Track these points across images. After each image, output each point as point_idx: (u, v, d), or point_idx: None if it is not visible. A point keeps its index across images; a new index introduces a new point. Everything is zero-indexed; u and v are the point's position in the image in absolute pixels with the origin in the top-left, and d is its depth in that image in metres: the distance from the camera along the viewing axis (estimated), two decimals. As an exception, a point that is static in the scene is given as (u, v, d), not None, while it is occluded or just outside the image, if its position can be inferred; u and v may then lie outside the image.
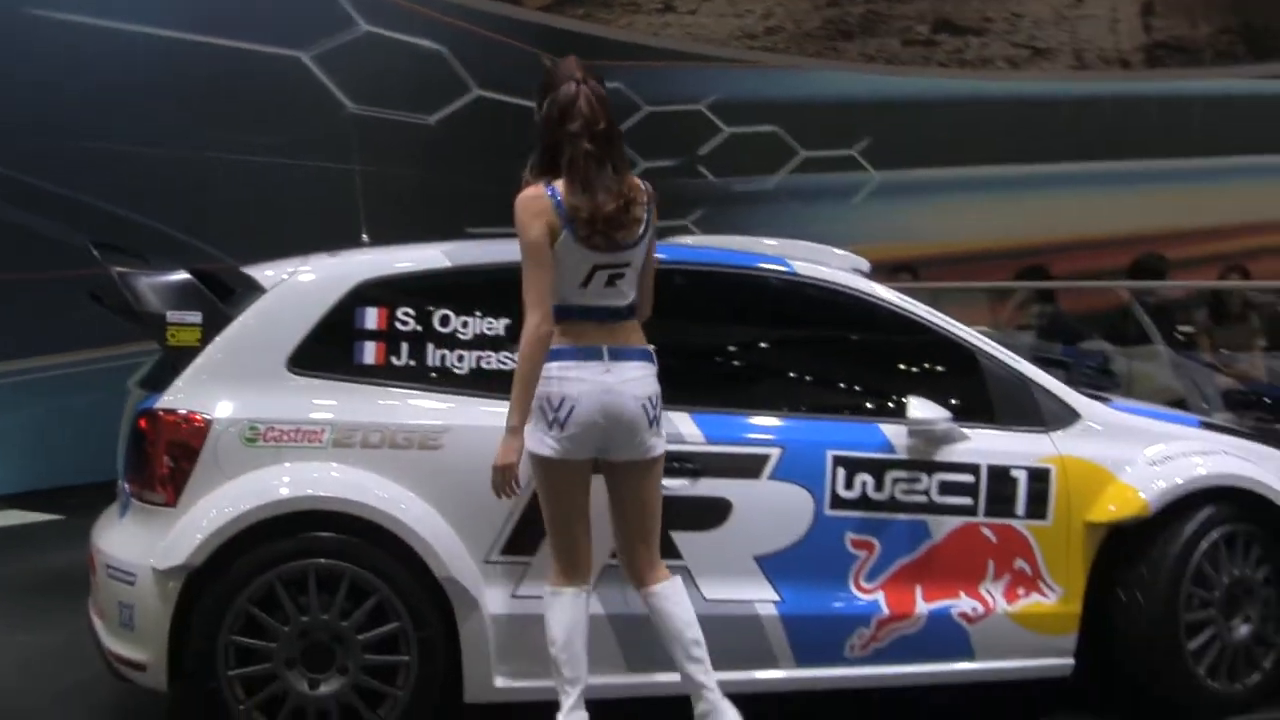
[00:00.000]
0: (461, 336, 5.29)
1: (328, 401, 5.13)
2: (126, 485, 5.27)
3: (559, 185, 4.84)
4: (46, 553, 9.15)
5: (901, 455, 5.44)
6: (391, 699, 5.02)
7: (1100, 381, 10.75)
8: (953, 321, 5.78)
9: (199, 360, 5.16)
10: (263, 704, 4.96)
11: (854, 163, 16.83)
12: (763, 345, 5.89)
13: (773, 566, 5.31)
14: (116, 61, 11.85)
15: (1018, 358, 5.81)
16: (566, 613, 4.90)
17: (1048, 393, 5.74)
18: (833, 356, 5.88)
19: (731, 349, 5.83)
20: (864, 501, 5.38)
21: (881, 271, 7.17)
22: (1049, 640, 5.57)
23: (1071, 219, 16.11)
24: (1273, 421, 10.39)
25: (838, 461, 5.36)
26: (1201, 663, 5.65)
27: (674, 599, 4.94)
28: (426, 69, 15.20)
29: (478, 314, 5.31)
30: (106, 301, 5.45)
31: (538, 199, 4.84)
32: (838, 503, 5.35)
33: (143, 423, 5.13)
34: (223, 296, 5.42)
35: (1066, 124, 16.44)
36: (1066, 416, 5.71)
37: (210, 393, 5.10)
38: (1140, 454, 5.71)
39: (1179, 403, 10.01)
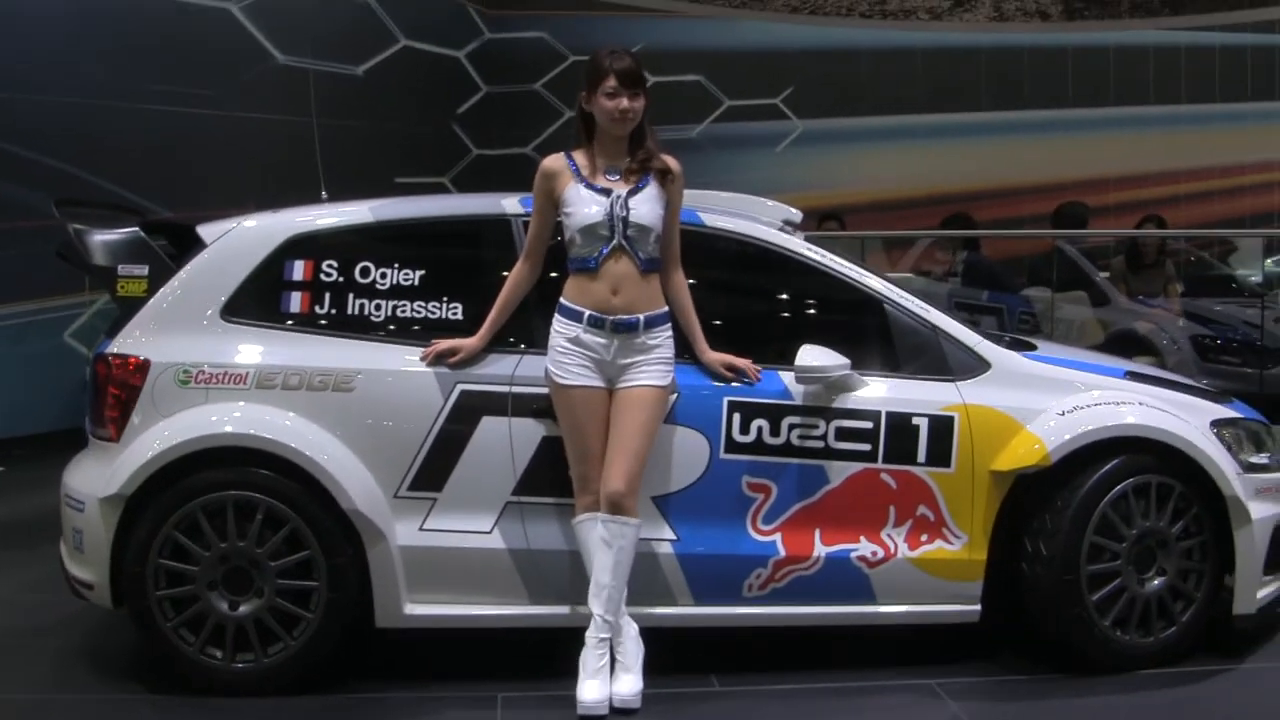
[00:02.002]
0: (380, 287, 5.68)
1: (254, 347, 5.58)
2: (87, 423, 5.75)
3: None
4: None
5: (798, 401, 5.52)
6: (304, 621, 5.43)
7: (1034, 328, 11.01)
8: (863, 271, 5.84)
9: (144, 310, 5.67)
10: (188, 622, 5.43)
11: (778, 111, 16.96)
12: None
13: (670, 506, 5.50)
14: (46, 15, 11.76)
15: (928, 307, 5.82)
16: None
17: (956, 342, 5.73)
18: (737, 306, 6.01)
19: None
20: (760, 446, 5.49)
21: (810, 219, 7.29)
22: (954, 586, 5.59)
23: (993, 167, 16.35)
24: (1239, 365, 10.73)
25: (733, 407, 5.49)
26: (1108, 614, 5.58)
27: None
28: (354, 19, 15.23)
29: (395, 266, 5.69)
30: (69, 258, 5.82)
31: None
32: (733, 446, 5.48)
33: (98, 366, 5.65)
34: (190, 245, 5.82)
35: (987, 74, 16.65)
36: (976, 365, 5.70)
37: (152, 339, 5.61)
38: (1052, 403, 5.66)
39: (1121, 348, 10.28)
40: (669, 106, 16.96)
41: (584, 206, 5.28)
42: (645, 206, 5.31)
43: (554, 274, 5.50)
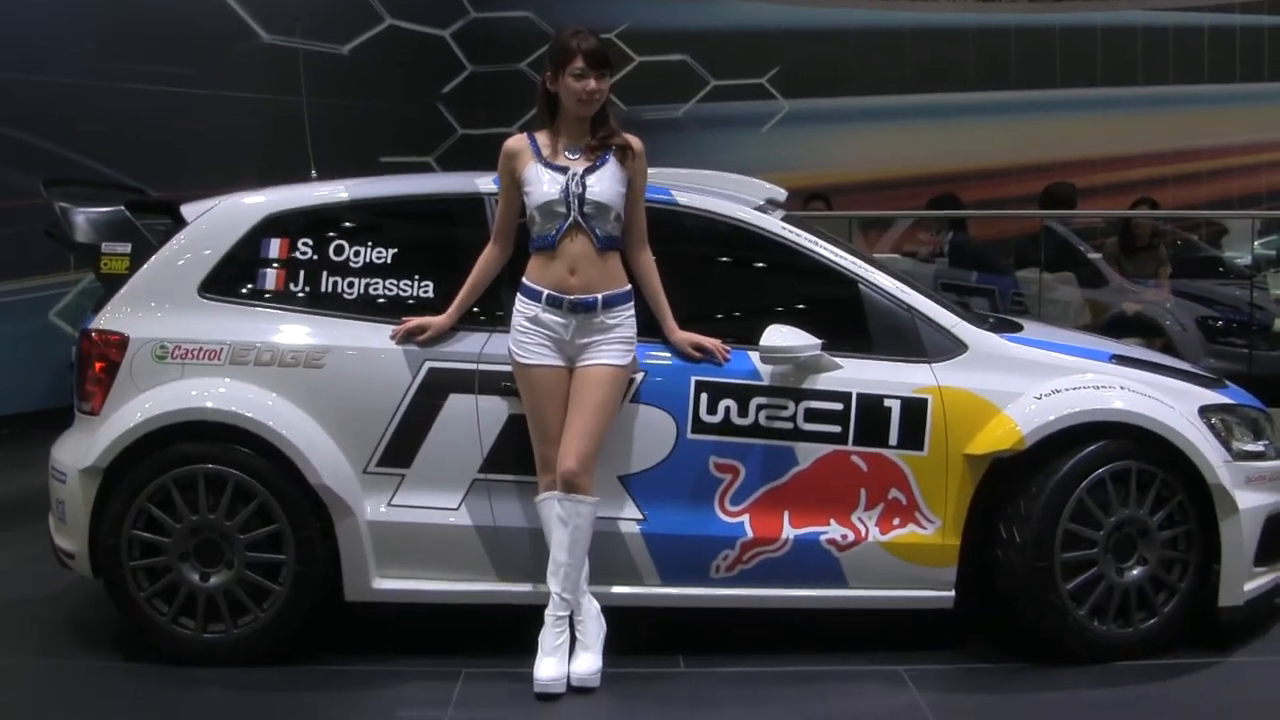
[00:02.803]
0: (353, 265, 5.74)
1: (229, 324, 5.66)
2: (74, 398, 5.88)
3: None
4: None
5: (766, 382, 5.49)
6: (273, 594, 5.51)
7: (1025, 310, 10.97)
8: (839, 251, 5.78)
9: (126, 286, 5.78)
10: (161, 593, 5.54)
11: (764, 91, 16.93)
12: None
13: (637, 486, 5.51)
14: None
15: (905, 288, 5.74)
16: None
17: (933, 323, 5.65)
18: (709, 285, 5.97)
19: None
20: (727, 426, 5.47)
21: (795, 199, 7.25)
22: (926, 572, 5.52)
23: (980, 147, 16.33)
24: (1246, 347, 10.71)
25: (700, 386, 5.47)
26: (1084, 603, 5.47)
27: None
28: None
29: (369, 244, 5.75)
30: (58, 237, 5.94)
31: None
32: (700, 427, 5.47)
33: (82, 341, 5.79)
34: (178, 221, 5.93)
35: (975, 54, 16.63)
36: (952, 347, 5.61)
37: (132, 315, 5.72)
38: (1030, 387, 5.54)
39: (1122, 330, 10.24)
40: (654, 86, 16.99)
41: (541, 185, 5.30)
42: (602, 184, 5.30)
43: (529, 254, 5.48)
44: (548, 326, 5.29)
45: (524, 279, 5.37)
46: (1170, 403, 5.61)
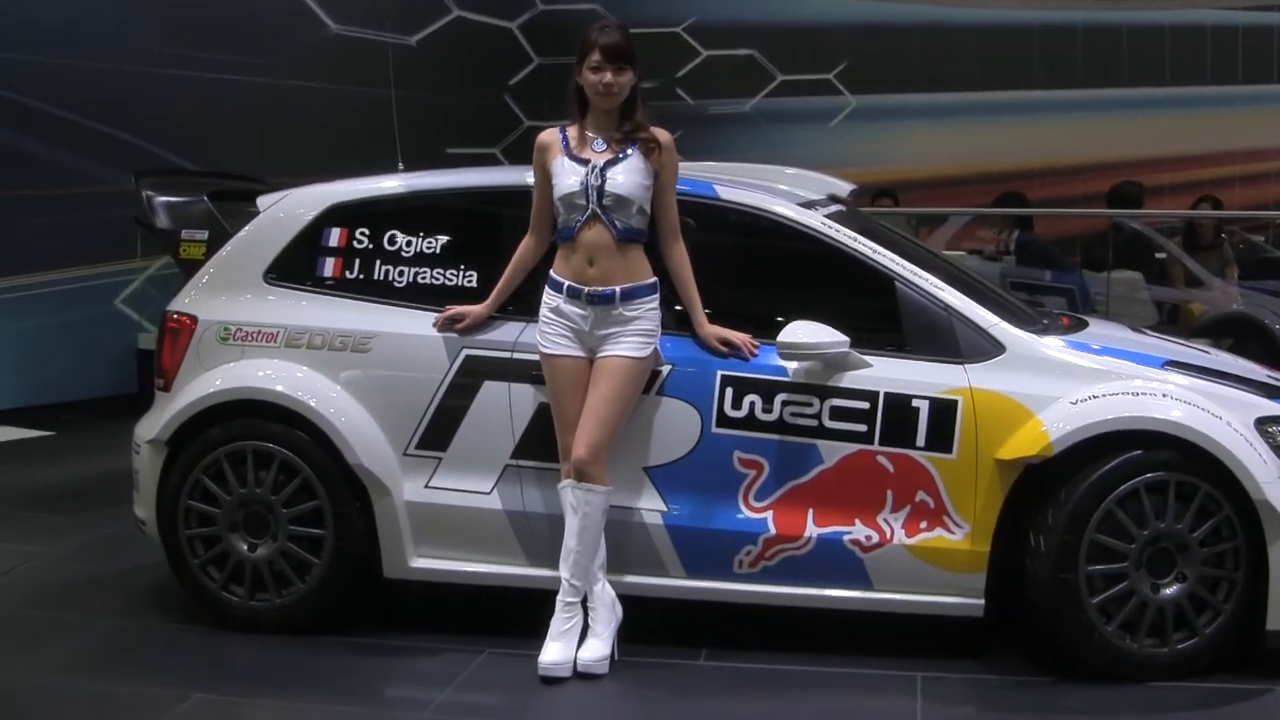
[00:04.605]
0: (404, 254, 5.97)
1: (287, 308, 5.98)
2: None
3: None
4: (36, 468, 9.42)
5: (792, 378, 5.47)
6: (314, 567, 5.78)
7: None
8: (878, 248, 5.68)
9: (201, 271, 6.18)
10: (213, 560, 5.88)
11: (831, 87, 16.87)
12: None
13: (662, 478, 5.56)
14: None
15: (944, 285, 5.63)
16: None
17: (970, 323, 5.53)
18: (746, 279, 6.02)
19: None
20: (751, 422, 5.47)
21: (863, 195, 7.24)
22: (954, 578, 5.40)
23: (1046, 145, 16.21)
24: None
25: (726, 381, 5.49)
26: (1112, 619, 5.26)
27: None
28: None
29: (420, 234, 5.96)
30: (143, 223, 6.41)
31: None
32: (724, 421, 5.48)
33: (163, 321, 6.18)
34: None
35: (1041, 52, 16.52)
36: (989, 349, 5.48)
37: (203, 298, 6.11)
38: (1068, 391, 5.37)
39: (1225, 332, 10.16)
40: (722, 81, 17.01)
41: (565, 177, 5.39)
42: (624, 176, 5.35)
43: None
44: (568, 317, 5.39)
45: (551, 270, 5.48)
46: (1219, 412, 5.33)
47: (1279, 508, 5.18)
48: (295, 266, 6.03)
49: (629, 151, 5.40)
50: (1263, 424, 5.39)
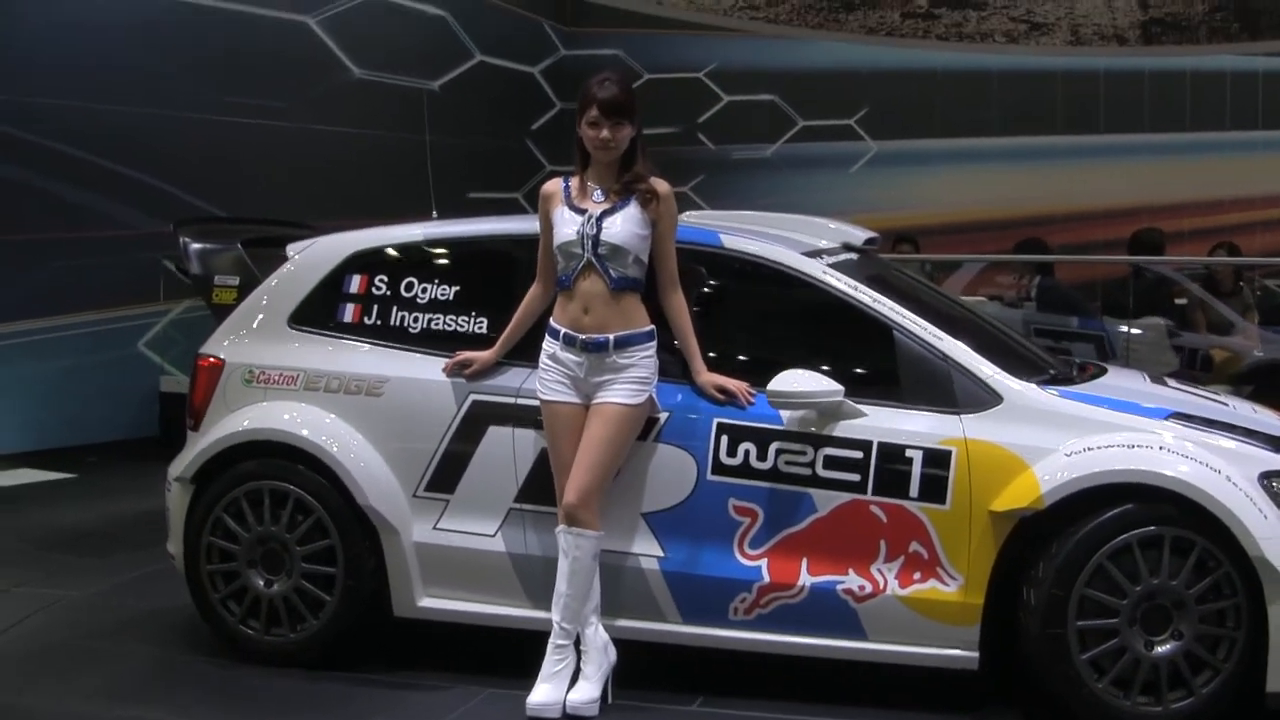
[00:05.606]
0: (420, 301, 6.15)
1: (308, 352, 6.18)
2: None
3: None
4: (59, 510, 9.45)
5: (786, 426, 5.50)
6: (326, 604, 5.94)
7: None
8: (878, 297, 5.67)
9: (231, 315, 6.45)
10: (233, 595, 6.08)
11: (852, 132, 16.95)
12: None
13: (659, 524, 5.63)
14: (125, 25, 12.01)
15: (943, 335, 5.59)
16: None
17: (968, 373, 5.50)
18: (746, 327, 6.07)
19: None
20: (746, 469, 5.52)
21: (883, 242, 7.25)
22: (948, 630, 5.37)
23: (1067, 191, 16.22)
24: None
25: (722, 429, 5.55)
26: (1103, 675, 5.20)
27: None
28: (430, 34, 15.40)
29: (435, 281, 6.15)
30: (182, 270, 6.74)
31: None
32: (720, 469, 5.54)
33: (196, 362, 6.40)
34: None
35: (1063, 98, 16.54)
36: (986, 399, 5.44)
37: (231, 342, 6.35)
38: (1065, 443, 5.32)
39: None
40: (743, 126, 17.08)
41: (563, 227, 5.49)
42: (619, 226, 5.43)
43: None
44: (565, 364, 5.48)
45: (550, 318, 5.58)
46: (1219, 466, 5.24)
47: (1278, 566, 5.08)
48: (317, 312, 6.24)
49: (628, 201, 5.47)
50: (1267, 478, 5.29)
